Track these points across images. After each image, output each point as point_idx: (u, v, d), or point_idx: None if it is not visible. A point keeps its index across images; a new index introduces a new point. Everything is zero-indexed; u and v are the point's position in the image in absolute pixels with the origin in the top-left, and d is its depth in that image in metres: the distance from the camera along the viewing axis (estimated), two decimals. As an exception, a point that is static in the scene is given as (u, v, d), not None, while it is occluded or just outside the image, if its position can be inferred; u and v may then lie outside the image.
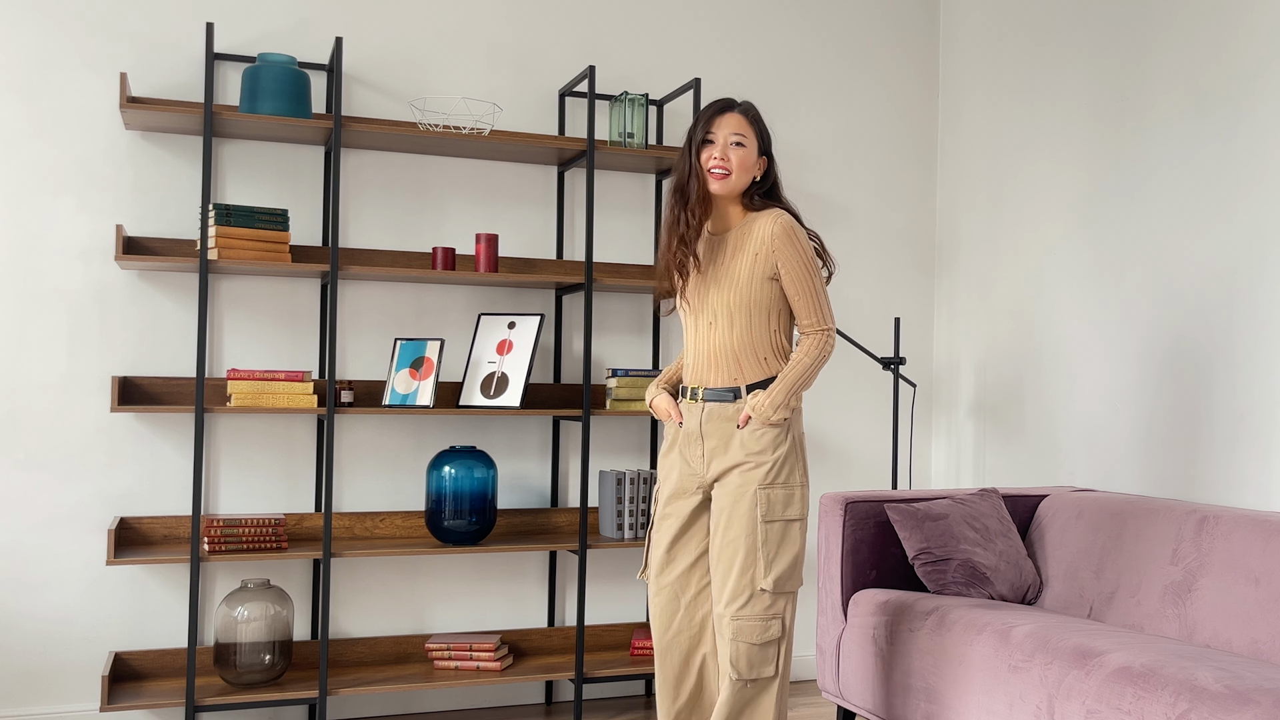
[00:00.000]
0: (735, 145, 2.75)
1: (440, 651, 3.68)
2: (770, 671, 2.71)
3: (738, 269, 2.75)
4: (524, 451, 3.99)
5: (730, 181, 2.75)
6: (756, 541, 2.70)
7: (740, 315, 2.74)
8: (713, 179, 2.74)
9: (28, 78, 3.49)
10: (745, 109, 2.81)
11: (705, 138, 2.77)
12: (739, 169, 2.76)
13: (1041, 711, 2.64)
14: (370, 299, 3.82)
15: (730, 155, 2.74)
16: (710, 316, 2.78)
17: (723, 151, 2.75)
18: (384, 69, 3.85)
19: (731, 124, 2.77)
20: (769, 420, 2.72)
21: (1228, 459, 3.29)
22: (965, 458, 4.38)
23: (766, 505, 2.72)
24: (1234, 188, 3.31)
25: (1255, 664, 2.53)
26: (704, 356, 2.79)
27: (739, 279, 2.74)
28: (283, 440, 3.72)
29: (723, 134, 2.77)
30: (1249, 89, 3.28)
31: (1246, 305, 3.26)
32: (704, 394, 2.78)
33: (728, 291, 2.75)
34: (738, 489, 2.72)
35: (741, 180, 2.77)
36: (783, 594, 2.71)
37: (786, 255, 2.72)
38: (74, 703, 3.51)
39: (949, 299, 4.50)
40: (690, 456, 2.81)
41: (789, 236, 2.72)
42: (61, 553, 3.50)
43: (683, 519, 2.83)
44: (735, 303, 2.74)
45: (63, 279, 3.52)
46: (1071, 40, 3.93)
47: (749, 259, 2.74)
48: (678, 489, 2.84)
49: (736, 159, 2.75)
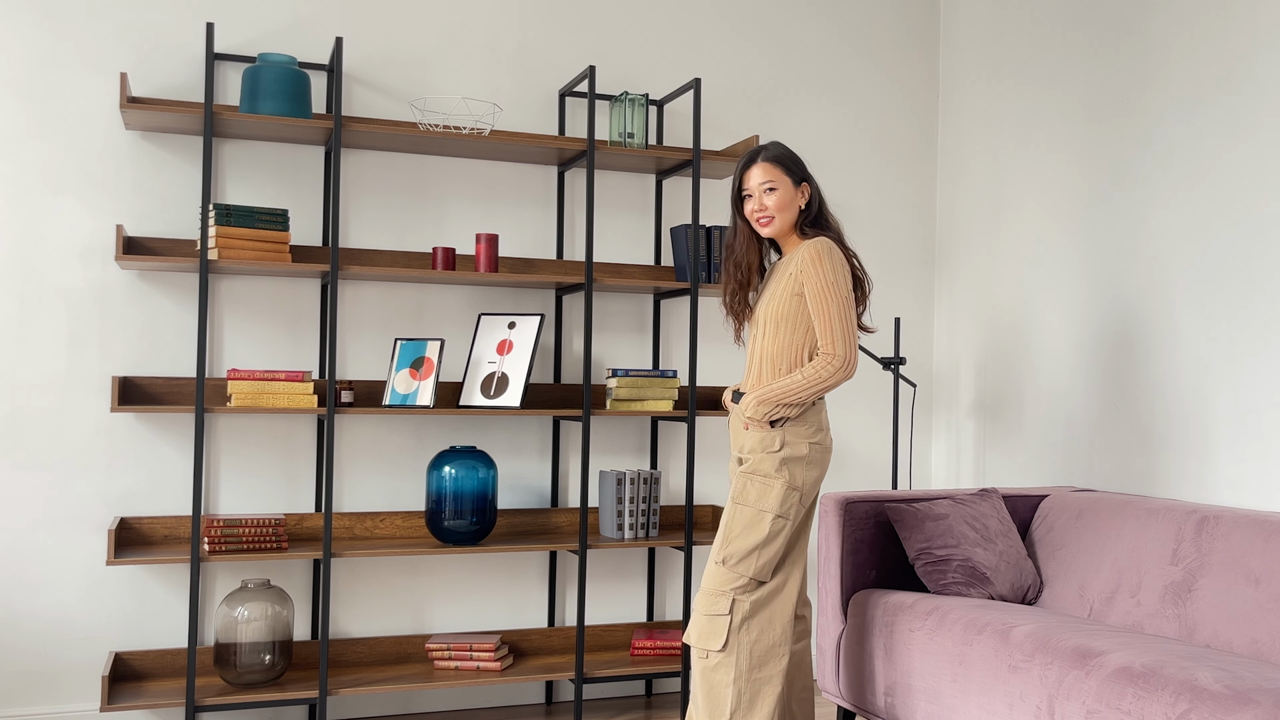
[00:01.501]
0: (768, 191, 2.99)
1: (440, 651, 3.68)
2: (716, 645, 2.85)
3: (781, 287, 3.00)
4: (524, 451, 3.99)
5: (776, 224, 3.01)
6: (726, 518, 2.93)
7: (778, 327, 2.98)
8: (760, 227, 3.02)
9: (28, 78, 3.49)
10: (769, 155, 3.02)
11: (742, 193, 3.04)
12: (779, 210, 3.00)
13: (1041, 711, 2.64)
14: (370, 299, 3.82)
15: (767, 202, 2.99)
16: (759, 327, 3.05)
17: (758, 202, 3.01)
18: (384, 69, 3.85)
19: (760, 174, 3.01)
20: (749, 416, 2.93)
21: (1228, 459, 3.29)
22: (965, 458, 4.38)
23: (741, 488, 2.93)
24: (1234, 187, 3.31)
25: (1255, 664, 2.53)
26: (751, 362, 3.07)
27: (780, 295, 2.99)
28: (283, 440, 3.72)
29: (755, 185, 3.01)
30: (1249, 89, 3.27)
31: (1246, 305, 3.26)
32: (735, 395, 3.07)
33: (772, 305, 3.01)
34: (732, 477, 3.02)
35: (785, 219, 3.01)
36: (735, 574, 2.87)
37: (808, 277, 2.93)
38: (74, 703, 3.51)
39: (949, 299, 4.50)
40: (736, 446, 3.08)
41: (814, 261, 2.92)
42: (61, 553, 3.50)
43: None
44: (776, 315, 2.99)
45: (63, 279, 3.52)
46: (1071, 40, 3.93)
47: (788, 279, 2.98)
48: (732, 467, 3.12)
49: (774, 203, 2.99)
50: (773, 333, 2.99)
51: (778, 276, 3.03)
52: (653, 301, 4.15)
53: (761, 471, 2.92)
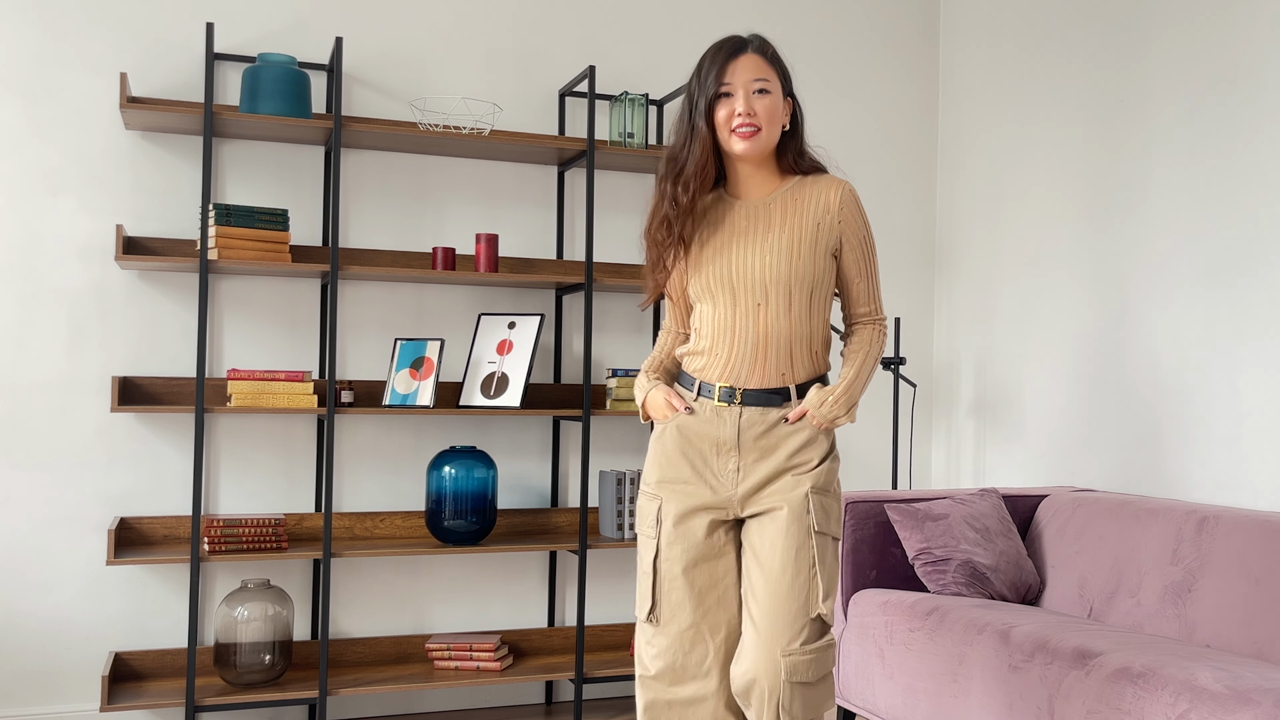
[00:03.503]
0: (759, 93, 2.26)
1: (440, 651, 3.68)
2: (831, 706, 2.34)
3: (793, 238, 2.27)
4: (524, 451, 3.99)
5: (761, 139, 2.26)
6: (812, 557, 2.26)
7: (800, 293, 2.28)
8: (738, 139, 2.25)
9: (28, 78, 3.49)
10: (761, 46, 2.32)
11: (720, 91, 2.25)
12: (768, 121, 2.27)
13: (1041, 711, 2.64)
14: (370, 299, 3.82)
15: (756, 106, 2.24)
16: (758, 294, 2.27)
17: (745, 104, 2.24)
18: (384, 69, 3.85)
19: (750, 68, 2.27)
20: (837, 422, 2.34)
21: (1227, 459, 3.29)
22: (965, 458, 4.38)
23: (822, 514, 2.30)
24: (1234, 187, 3.31)
25: (1255, 664, 2.53)
26: (748, 346, 2.29)
27: (797, 249, 2.27)
28: (283, 440, 3.72)
29: (742, 81, 2.26)
30: (1249, 89, 3.27)
31: (1246, 305, 3.26)
32: (743, 396, 2.30)
33: (782, 263, 2.26)
34: (785, 499, 2.28)
35: (771, 136, 2.28)
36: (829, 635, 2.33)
37: (854, 229, 2.31)
38: (74, 703, 3.51)
39: (949, 299, 4.50)
40: (717, 472, 2.32)
41: (859, 208, 2.33)
42: (61, 553, 3.50)
43: (697, 544, 2.34)
44: (795, 277, 2.26)
45: (63, 279, 3.52)
46: (1072, 40, 3.93)
47: (809, 228, 2.28)
48: (690, 507, 2.34)
49: (764, 109, 2.25)
50: (791, 301, 2.27)
51: (774, 225, 2.30)
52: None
53: (834, 488, 2.35)
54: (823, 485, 2.32)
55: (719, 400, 2.32)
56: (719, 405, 2.32)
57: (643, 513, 2.39)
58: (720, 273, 2.30)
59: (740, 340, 2.29)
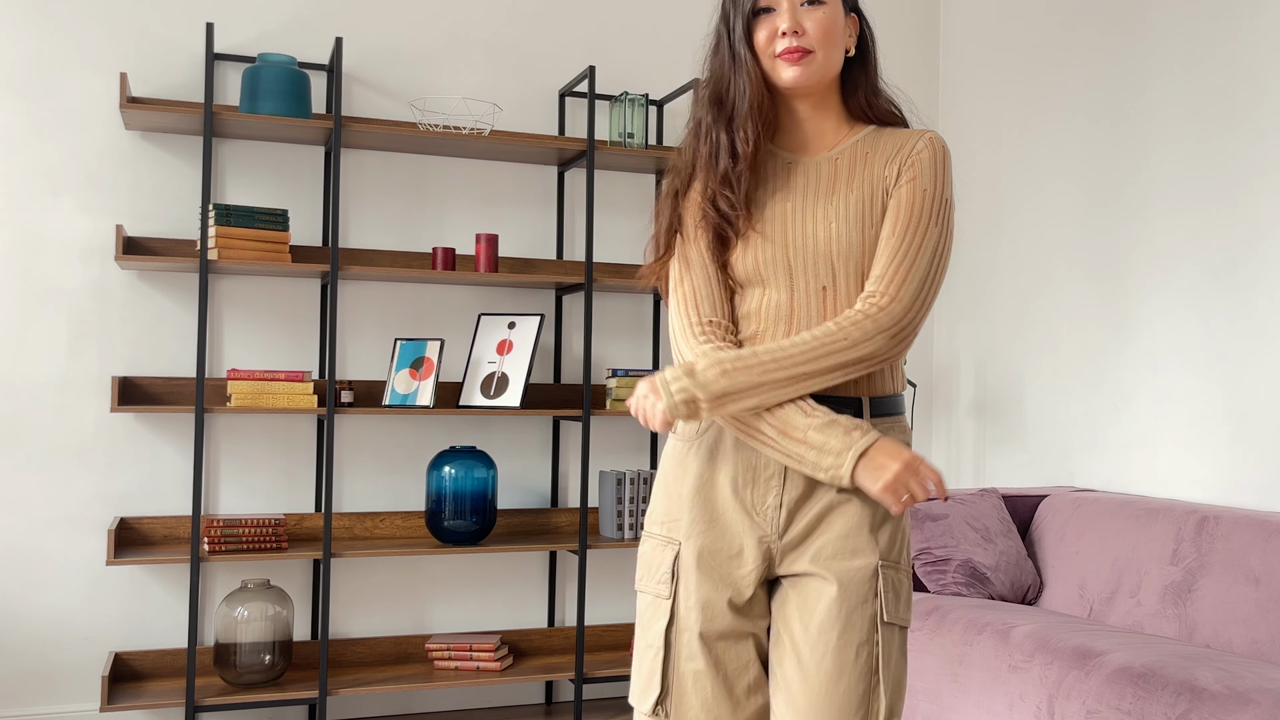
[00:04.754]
0: (809, 4, 1.68)
1: (440, 651, 3.68)
2: None
3: (864, 199, 1.69)
4: (524, 451, 3.99)
5: (815, 64, 1.67)
6: (874, 660, 1.65)
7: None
8: (784, 64, 1.67)
9: (28, 78, 3.49)
10: None
11: (759, 5, 1.69)
12: (824, 41, 1.67)
13: (1041, 711, 2.64)
14: (370, 299, 3.82)
15: (805, 22, 1.67)
16: (823, 275, 1.69)
17: (792, 19, 1.66)
18: (384, 69, 3.85)
19: None
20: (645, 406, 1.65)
21: (1228, 459, 3.29)
22: (965, 458, 4.38)
23: (892, 597, 1.68)
24: (1234, 187, 3.31)
25: (1255, 664, 2.53)
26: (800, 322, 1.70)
27: (869, 214, 1.69)
28: (283, 440, 3.72)
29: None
30: (1249, 89, 3.28)
31: (1246, 305, 3.26)
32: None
33: (854, 234, 1.68)
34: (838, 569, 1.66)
35: (830, 60, 1.69)
36: None
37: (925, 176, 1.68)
38: (74, 703, 3.51)
39: (949, 299, 4.50)
40: (755, 504, 1.70)
41: (942, 161, 1.71)
42: (61, 553, 3.50)
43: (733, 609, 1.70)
44: (869, 248, 1.68)
45: (63, 279, 3.52)
46: (1072, 40, 3.93)
47: (880, 185, 1.71)
48: (721, 556, 1.71)
49: (817, 26, 1.67)
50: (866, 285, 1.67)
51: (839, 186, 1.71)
52: (653, 301, 4.15)
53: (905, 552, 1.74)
54: (894, 552, 1.70)
55: None
56: None
57: (649, 564, 1.75)
58: (773, 248, 1.70)
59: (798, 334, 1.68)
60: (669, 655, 1.71)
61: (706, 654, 1.69)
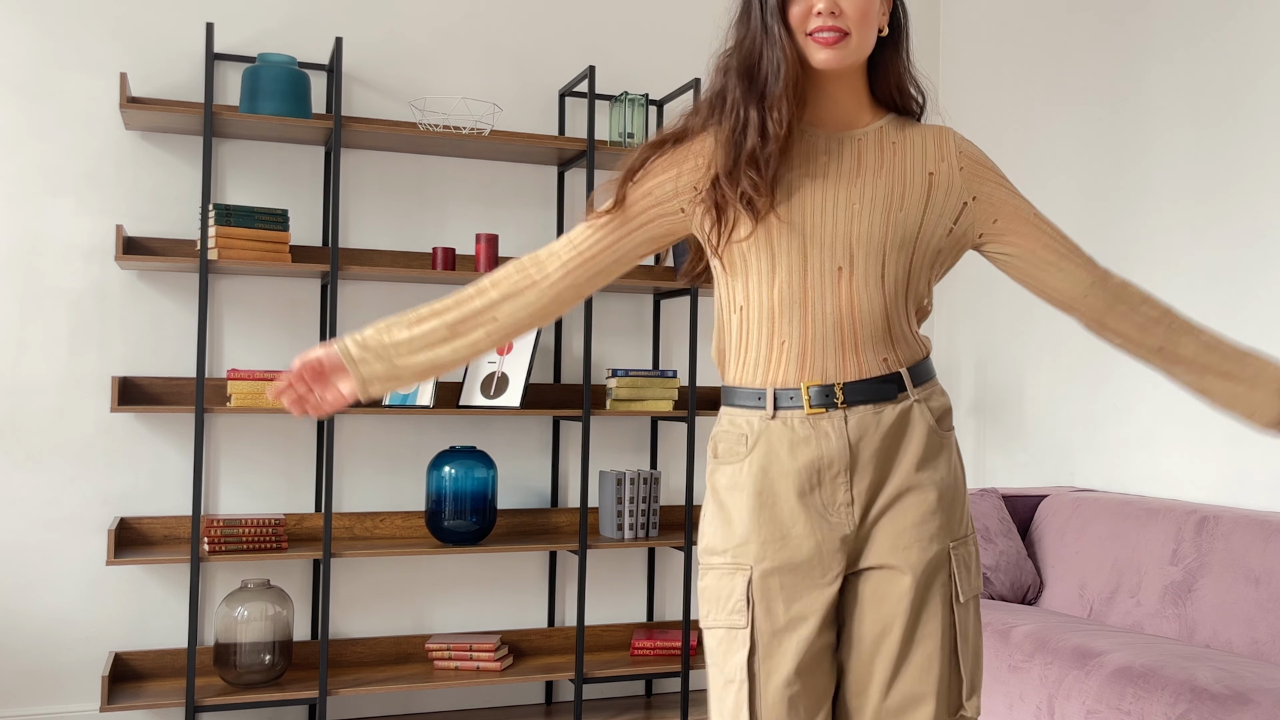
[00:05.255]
0: None
1: (440, 651, 3.68)
2: None
3: (893, 186, 1.65)
4: (524, 451, 3.99)
5: (850, 46, 1.61)
6: (953, 641, 1.64)
7: (898, 256, 1.64)
8: (819, 45, 1.60)
9: (28, 78, 3.49)
10: None
11: None
12: (860, 22, 1.61)
13: (1041, 711, 2.64)
14: (370, 299, 3.82)
15: (843, 2, 1.60)
16: (839, 255, 1.63)
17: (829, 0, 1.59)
18: (384, 69, 3.85)
19: None
20: None
21: (1228, 459, 3.29)
22: (965, 458, 4.38)
23: (964, 573, 1.66)
24: (1234, 187, 3.31)
25: (1255, 664, 2.53)
26: (827, 325, 1.63)
27: (900, 199, 1.65)
28: (283, 440, 3.72)
29: None
30: (1249, 89, 3.27)
31: (1246, 305, 3.26)
32: (845, 393, 1.63)
33: (877, 216, 1.64)
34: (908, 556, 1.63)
35: (865, 41, 1.63)
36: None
37: (990, 178, 1.68)
38: (74, 703, 3.51)
39: (949, 299, 4.50)
40: (827, 504, 1.62)
41: (981, 154, 1.71)
42: (61, 553, 3.50)
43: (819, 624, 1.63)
44: (893, 235, 1.64)
45: (63, 279, 3.52)
46: (1071, 40, 3.93)
47: (917, 177, 1.66)
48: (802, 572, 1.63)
49: (855, 6, 1.60)
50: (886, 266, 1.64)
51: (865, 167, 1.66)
52: (652, 301, 4.15)
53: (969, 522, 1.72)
54: (963, 527, 1.67)
55: (810, 407, 1.62)
56: (812, 414, 1.62)
57: (716, 596, 1.66)
58: (790, 227, 1.63)
59: (815, 318, 1.63)
60: (754, 687, 1.62)
61: (798, 679, 1.62)
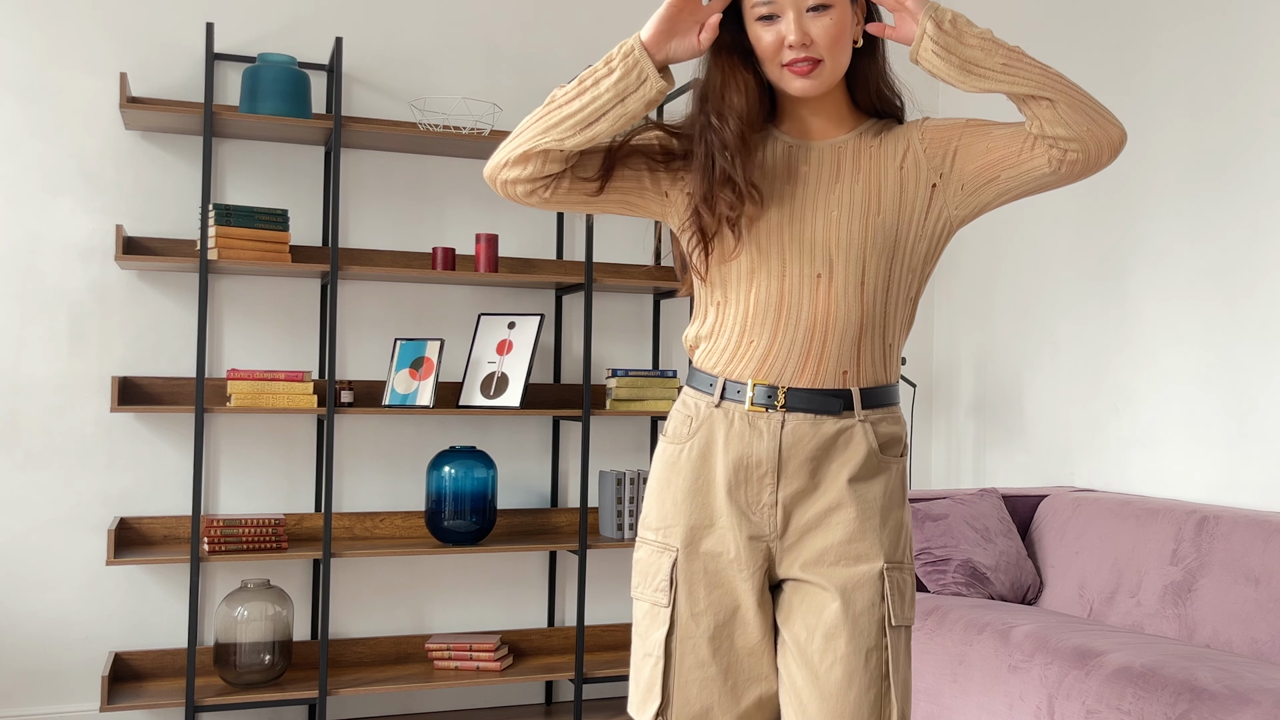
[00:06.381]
0: (816, 10, 1.58)
1: (440, 651, 3.68)
2: None
3: (873, 190, 1.65)
4: (524, 451, 3.99)
5: (824, 73, 1.61)
6: (884, 664, 1.64)
7: (878, 261, 1.64)
8: (794, 76, 1.61)
9: (28, 78, 3.49)
10: None
11: (760, 14, 1.61)
12: (832, 48, 1.60)
13: (1041, 711, 2.64)
14: (370, 299, 3.82)
15: (813, 30, 1.58)
16: (818, 262, 1.63)
17: (799, 30, 1.57)
18: (384, 69, 3.85)
19: None
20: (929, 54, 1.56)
21: (1227, 459, 3.29)
22: (965, 458, 4.38)
23: (898, 599, 1.65)
24: (1234, 187, 3.31)
25: (1255, 664, 2.53)
26: (799, 331, 1.64)
27: (877, 204, 1.65)
28: (283, 440, 3.72)
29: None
30: (1250, 89, 3.28)
31: (1246, 305, 3.26)
32: (787, 398, 1.65)
33: (854, 222, 1.64)
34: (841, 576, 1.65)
35: (840, 64, 1.63)
36: None
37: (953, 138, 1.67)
38: (74, 703, 3.51)
39: (949, 299, 4.50)
40: (751, 502, 1.66)
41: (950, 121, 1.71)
42: (61, 553, 3.50)
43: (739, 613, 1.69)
44: (872, 239, 1.64)
45: (63, 279, 3.52)
46: (1071, 40, 3.93)
47: (890, 177, 1.66)
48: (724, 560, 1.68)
49: (825, 33, 1.58)
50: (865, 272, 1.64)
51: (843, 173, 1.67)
52: (653, 301, 4.15)
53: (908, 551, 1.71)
54: (899, 552, 1.67)
55: (752, 404, 1.65)
56: (752, 411, 1.65)
57: (645, 571, 1.71)
58: (766, 231, 1.65)
59: (788, 323, 1.64)
60: (670, 664, 1.67)
61: (713, 661, 1.66)
